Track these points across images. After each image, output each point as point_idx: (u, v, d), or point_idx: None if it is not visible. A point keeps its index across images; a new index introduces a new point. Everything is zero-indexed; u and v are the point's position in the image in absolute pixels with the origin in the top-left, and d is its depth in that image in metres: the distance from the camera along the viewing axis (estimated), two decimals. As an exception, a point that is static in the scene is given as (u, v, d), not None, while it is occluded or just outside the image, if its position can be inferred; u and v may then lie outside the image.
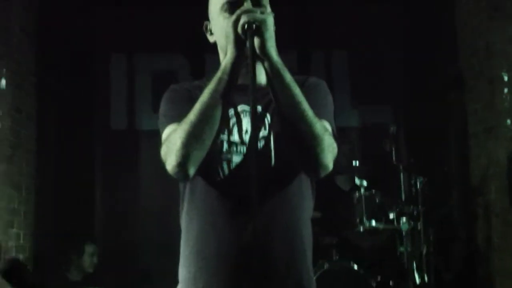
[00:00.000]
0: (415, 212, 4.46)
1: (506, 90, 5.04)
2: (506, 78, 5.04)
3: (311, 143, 1.60)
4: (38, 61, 5.15)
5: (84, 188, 5.91)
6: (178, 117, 1.67)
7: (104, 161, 6.09)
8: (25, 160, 4.92)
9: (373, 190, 4.60)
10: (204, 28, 1.88)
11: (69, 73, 5.73)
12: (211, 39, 1.85)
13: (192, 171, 1.64)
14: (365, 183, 4.57)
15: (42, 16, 5.19)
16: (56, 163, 5.62)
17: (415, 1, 5.72)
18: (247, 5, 1.65)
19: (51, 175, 5.54)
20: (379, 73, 5.98)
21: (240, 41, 1.57)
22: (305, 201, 1.82)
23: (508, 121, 5.00)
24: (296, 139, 1.63)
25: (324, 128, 1.64)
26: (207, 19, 1.86)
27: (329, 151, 1.64)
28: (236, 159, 1.74)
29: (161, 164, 1.68)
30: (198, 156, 1.62)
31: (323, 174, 1.68)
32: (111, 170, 6.03)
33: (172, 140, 1.62)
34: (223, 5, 1.75)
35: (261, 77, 1.74)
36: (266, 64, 1.59)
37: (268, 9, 1.74)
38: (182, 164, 1.61)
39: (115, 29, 6.01)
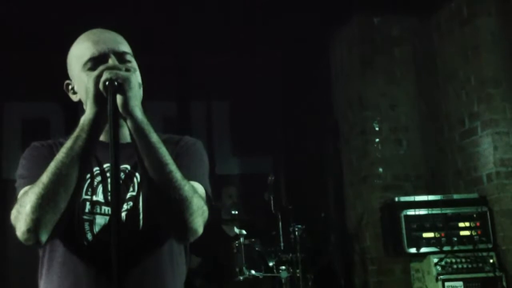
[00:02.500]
0: (294, 259, 4.46)
1: (377, 140, 5.26)
2: (377, 128, 5.27)
3: (179, 207, 1.51)
4: None
5: None
6: (34, 178, 1.53)
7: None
8: None
9: (253, 239, 4.56)
10: (65, 88, 1.75)
11: None
12: (74, 98, 1.73)
13: (44, 237, 1.50)
14: (244, 232, 4.53)
15: None
16: None
17: (293, 53, 5.90)
18: (112, 61, 1.59)
19: None
20: (259, 123, 6.05)
21: (101, 98, 1.47)
22: (178, 266, 1.71)
23: (380, 170, 5.21)
24: (164, 202, 1.54)
25: (193, 190, 1.55)
26: (68, 78, 1.75)
27: (199, 214, 1.55)
28: (100, 220, 1.62)
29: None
30: (51, 220, 1.49)
31: (192, 238, 1.58)
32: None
33: (23, 203, 1.48)
34: (86, 62, 1.64)
35: (127, 134, 1.63)
36: (129, 123, 1.50)
37: (134, 65, 1.66)
38: (32, 229, 1.47)
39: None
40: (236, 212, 4.70)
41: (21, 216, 1.48)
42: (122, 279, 1.33)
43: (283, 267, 4.43)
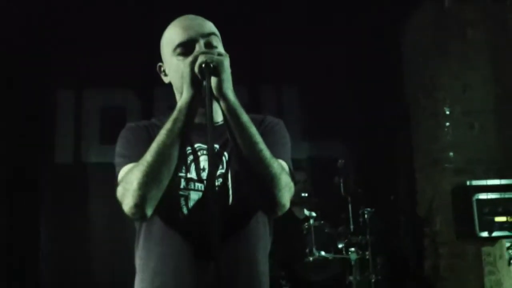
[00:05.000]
0: (363, 242, 4.50)
1: (447, 124, 5.20)
2: (448, 112, 5.21)
3: (269, 183, 1.61)
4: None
5: (28, 225, 5.73)
6: (134, 157, 1.66)
7: (50, 196, 5.92)
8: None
9: (322, 221, 4.63)
10: (157, 69, 1.88)
11: (15, 110, 5.63)
12: (165, 80, 1.86)
13: (149, 211, 1.62)
14: (314, 213, 4.60)
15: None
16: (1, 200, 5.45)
17: (363, 39, 5.89)
18: (200, 47, 1.69)
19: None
20: (329, 108, 6.08)
21: (196, 81, 1.58)
22: (263, 239, 1.82)
23: (451, 154, 5.16)
24: (254, 179, 1.64)
25: (281, 168, 1.65)
26: (160, 60, 1.87)
27: (286, 190, 1.65)
28: (194, 196, 1.73)
29: (112, 199, 1.66)
30: (155, 196, 1.61)
31: (280, 212, 1.69)
32: (58, 206, 5.86)
33: (129, 180, 1.61)
34: (175, 47, 1.76)
35: (218, 116, 1.75)
36: (222, 104, 1.60)
37: (221, 49, 1.76)
38: (139, 205, 1.59)
39: (64, 62, 5.96)
40: (306, 195, 4.77)
41: (128, 193, 1.60)
42: (217, 249, 1.43)
43: (353, 249, 4.48)
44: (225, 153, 1.79)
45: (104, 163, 5.16)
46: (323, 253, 4.47)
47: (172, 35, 1.79)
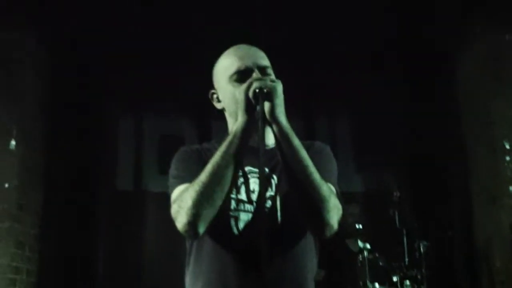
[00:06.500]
0: (418, 276, 4.43)
1: (508, 158, 5.09)
2: (508, 146, 5.11)
3: (318, 205, 1.66)
4: (49, 123, 5.26)
5: (87, 249, 5.89)
6: (188, 178, 1.73)
7: (108, 222, 6.09)
8: (30, 221, 4.95)
9: (377, 253, 4.59)
10: (210, 97, 1.96)
11: (78, 135, 5.84)
12: (218, 106, 1.94)
13: (202, 229, 1.68)
14: (368, 246, 4.57)
15: (53, 80, 5.35)
16: (60, 224, 5.62)
17: (415, 67, 5.87)
18: (256, 74, 1.77)
19: (55, 236, 5.52)
20: (382, 140, 6.05)
21: (251, 106, 1.65)
22: (310, 260, 1.86)
23: (511, 189, 5.03)
24: (304, 201, 1.69)
25: (330, 191, 1.71)
26: (212, 87, 1.96)
27: (335, 212, 1.70)
28: (244, 217, 1.79)
29: (166, 225, 1.74)
30: (209, 215, 1.66)
31: (329, 234, 1.73)
32: (116, 231, 6.01)
33: (184, 199, 1.67)
34: (232, 74, 1.84)
35: (269, 140, 1.82)
36: (275, 128, 1.66)
37: (274, 78, 1.83)
38: (192, 223, 1.65)
39: (125, 91, 6.17)
40: (360, 227, 4.75)
41: (182, 211, 1.66)
42: (266, 269, 1.47)
43: (408, 283, 4.42)
44: (274, 176, 1.85)
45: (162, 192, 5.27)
46: (377, 285, 4.43)
47: (228, 63, 1.88)
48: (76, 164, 5.83)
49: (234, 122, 1.71)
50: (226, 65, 1.88)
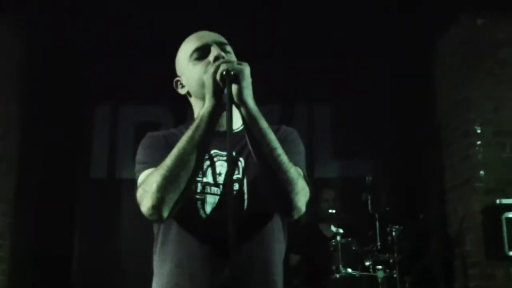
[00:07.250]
0: (391, 261, 4.48)
1: (479, 143, 5.16)
2: (479, 131, 5.17)
3: (286, 187, 1.67)
4: (23, 109, 5.22)
5: (61, 237, 5.87)
6: (154, 163, 1.72)
7: (83, 209, 6.07)
8: (2, 208, 4.92)
9: (350, 238, 4.63)
10: (174, 85, 1.96)
11: (52, 122, 5.81)
12: (182, 91, 1.94)
13: (166, 213, 1.67)
14: (341, 230, 4.61)
15: (27, 67, 5.31)
16: (36, 213, 5.60)
17: (393, 57, 5.91)
18: (215, 50, 1.79)
19: (28, 223, 5.49)
20: (360, 127, 6.10)
21: (218, 89, 1.64)
22: (278, 244, 1.87)
23: (482, 173, 5.11)
24: (272, 184, 1.69)
25: (298, 173, 1.71)
26: (176, 76, 1.96)
27: (303, 194, 1.71)
28: (210, 199, 1.80)
29: (140, 211, 1.72)
30: (173, 199, 1.66)
31: (296, 215, 1.74)
32: (90, 219, 6.00)
33: (148, 183, 1.66)
34: (192, 53, 1.86)
35: (235, 123, 1.80)
36: (243, 111, 1.66)
37: (233, 57, 1.84)
38: (157, 206, 1.65)
39: (101, 78, 6.13)
40: (333, 211, 4.79)
41: (147, 194, 1.66)
42: (234, 252, 1.48)
43: (380, 267, 4.46)
44: (241, 159, 1.85)
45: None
46: (350, 270, 4.47)
47: (187, 46, 1.90)
48: (50, 152, 5.79)
49: (201, 105, 1.71)
50: (185, 48, 1.90)
